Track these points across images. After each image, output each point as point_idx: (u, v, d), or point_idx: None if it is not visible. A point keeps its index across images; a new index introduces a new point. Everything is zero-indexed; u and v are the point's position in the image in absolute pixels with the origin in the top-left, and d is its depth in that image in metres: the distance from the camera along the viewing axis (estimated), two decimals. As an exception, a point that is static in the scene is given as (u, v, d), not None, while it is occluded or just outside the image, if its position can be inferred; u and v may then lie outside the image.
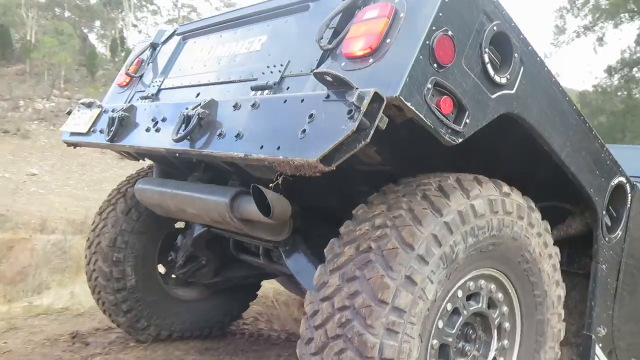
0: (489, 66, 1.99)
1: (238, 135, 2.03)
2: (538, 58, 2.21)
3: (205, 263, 3.57)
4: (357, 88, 1.71)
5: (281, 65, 2.30)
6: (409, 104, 1.77)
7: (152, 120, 2.61)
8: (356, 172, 2.67)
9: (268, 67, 2.36)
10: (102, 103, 3.33)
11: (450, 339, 2.11)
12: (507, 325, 2.34)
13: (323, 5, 2.34)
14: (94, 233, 3.52)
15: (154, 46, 3.40)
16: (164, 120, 2.55)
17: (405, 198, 2.03)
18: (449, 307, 2.11)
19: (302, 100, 1.89)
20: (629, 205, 2.75)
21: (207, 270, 3.62)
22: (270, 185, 1.92)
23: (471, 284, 2.20)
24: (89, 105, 3.28)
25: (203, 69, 2.85)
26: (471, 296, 2.23)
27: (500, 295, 2.31)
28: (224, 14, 3.02)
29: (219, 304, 3.98)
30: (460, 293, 2.15)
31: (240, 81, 2.50)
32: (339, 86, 1.76)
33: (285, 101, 1.96)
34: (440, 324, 2.07)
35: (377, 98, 1.68)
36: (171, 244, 3.79)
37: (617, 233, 2.70)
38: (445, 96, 1.87)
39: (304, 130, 1.78)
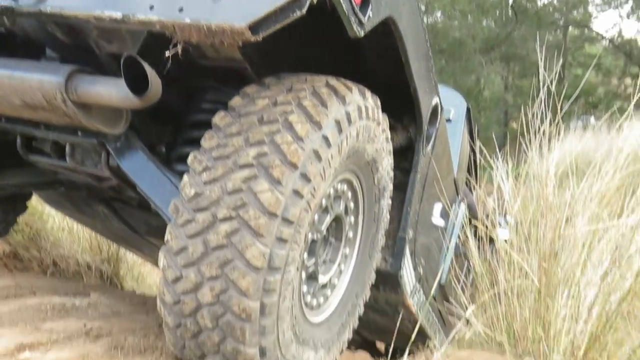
0: None
1: None
2: None
3: (-24, 165, 2.84)
4: None
5: None
6: None
7: None
8: (200, 67, 2.42)
9: None
10: None
11: (318, 235, 2.12)
12: (352, 222, 2.44)
13: None
14: None
15: None
16: None
17: (278, 107, 1.90)
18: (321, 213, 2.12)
19: None
20: (437, 125, 3.08)
21: (-25, 175, 2.89)
22: (167, 53, 1.60)
23: (334, 189, 2.22)
24: None
25: None
26: (335, 199, 2.25)
27: (351, 196, 2.38)
28: None
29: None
30: (324, 201, 2.15)
31: None
32: None
33: None
34: (315, 218, 2.08)
35: None
36: None
37: (428, 148, 3.02)
38: None
39: None
